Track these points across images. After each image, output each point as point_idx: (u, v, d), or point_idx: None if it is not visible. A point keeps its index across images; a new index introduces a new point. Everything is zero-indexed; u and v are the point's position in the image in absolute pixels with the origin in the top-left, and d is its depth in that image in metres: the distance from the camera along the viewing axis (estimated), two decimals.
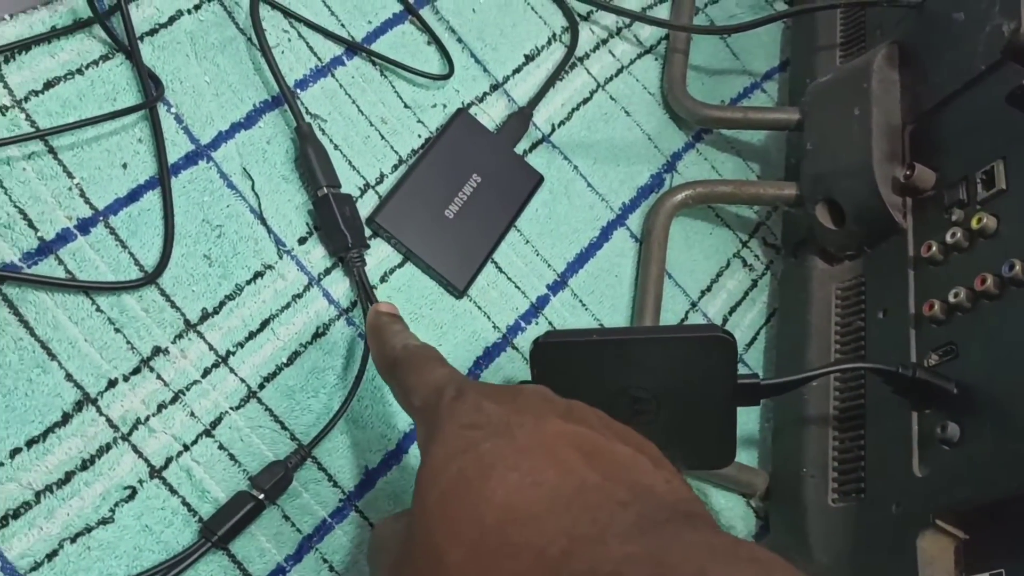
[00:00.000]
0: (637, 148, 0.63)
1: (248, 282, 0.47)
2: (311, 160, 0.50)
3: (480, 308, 0.53)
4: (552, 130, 0.60)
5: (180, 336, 0.45)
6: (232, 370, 0.45)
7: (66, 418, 0.41)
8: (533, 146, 0.59)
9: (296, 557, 0.44)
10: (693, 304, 0.61)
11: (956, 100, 0.53)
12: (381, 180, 0.53)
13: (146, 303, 0.44)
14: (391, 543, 0.34)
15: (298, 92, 0.52)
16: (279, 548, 0.44)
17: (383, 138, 0.54)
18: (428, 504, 0.30)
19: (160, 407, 0.43)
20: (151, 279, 0.44)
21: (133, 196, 0.46)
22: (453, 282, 0.52)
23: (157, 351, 0.44)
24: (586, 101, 0.62)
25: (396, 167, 0.54)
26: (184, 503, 0.42)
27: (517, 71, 0.60)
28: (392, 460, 0.48)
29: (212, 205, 0.48)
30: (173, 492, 0.42)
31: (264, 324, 0.47)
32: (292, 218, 0.49)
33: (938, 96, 0.54)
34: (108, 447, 0.41)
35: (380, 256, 0.51)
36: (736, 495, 0.56)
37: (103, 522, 0.40)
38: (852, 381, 0.53)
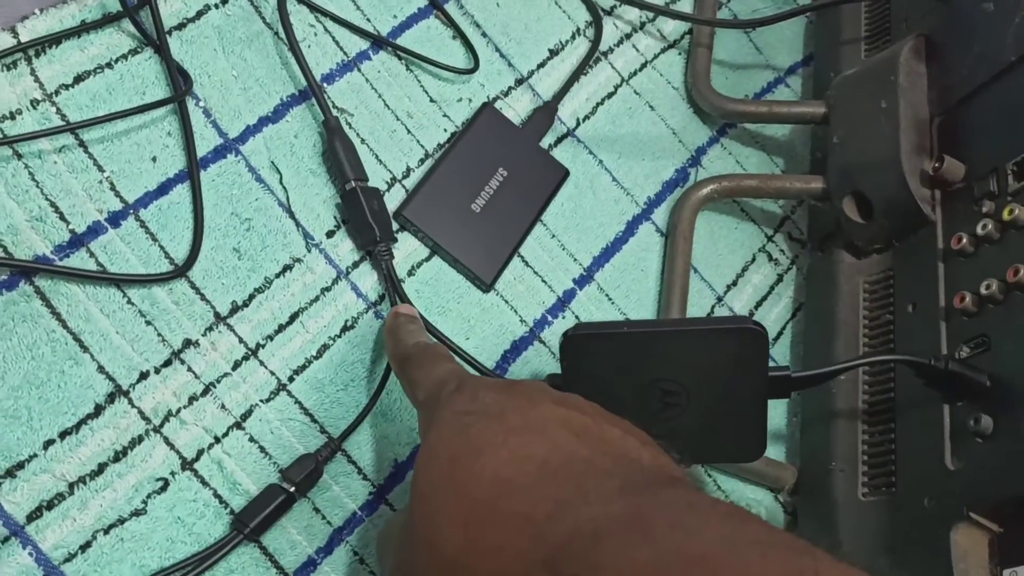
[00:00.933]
0: (662, 142, 0.63)
1: (277, 275, 0.47)
2: (339, 154, 0.50)
3: (507, 302, 0.53)
4: (577, 124, 0.60)
5: (210, 329, 0.45)
6: (262, 363, 0.45)
7: (98, 410, 0.41)
8: (558, 140, 0.59)
9: (327, 550, 0.44)
10: (719, 299, 0.60)
11: (985, 91, 0.53)
12: (408, 174, 0.53)
13: (176, 296, 0.44)
14: (395, 532, 0.35)
15: (325, 86, 0.52)
16: (310, 541, 0.44)
17: (409, 132, 0.54)
18: (423, 487, 0.31)
19: (191, 399, 0.43)
20: (181, 272, 0.44)
21: (163, 189, 0.46)
22: (480, 276, 0.52)
23: (188, 343, 0.44)
24: (610, 95, 0.62)
25: (422, 161, 0.54)
26: (216, 495, 0.42)
27: (541, 65, 0.60)
28: None
29: (241, 199, 0.48)
30: (205, 484, 0.42)
31: (293, 317, 0.47)
32: (320, 212, 0.49)
33: (967, 88, 0.54)
34: (140, 439, 0.41)
35: (407, 250, 0.51)
36: (764, 489, 0.56)
37: (136, 513, 0.40)
38: (881, 374, 0.53)
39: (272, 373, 0.45)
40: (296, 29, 0.52)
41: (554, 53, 0.61)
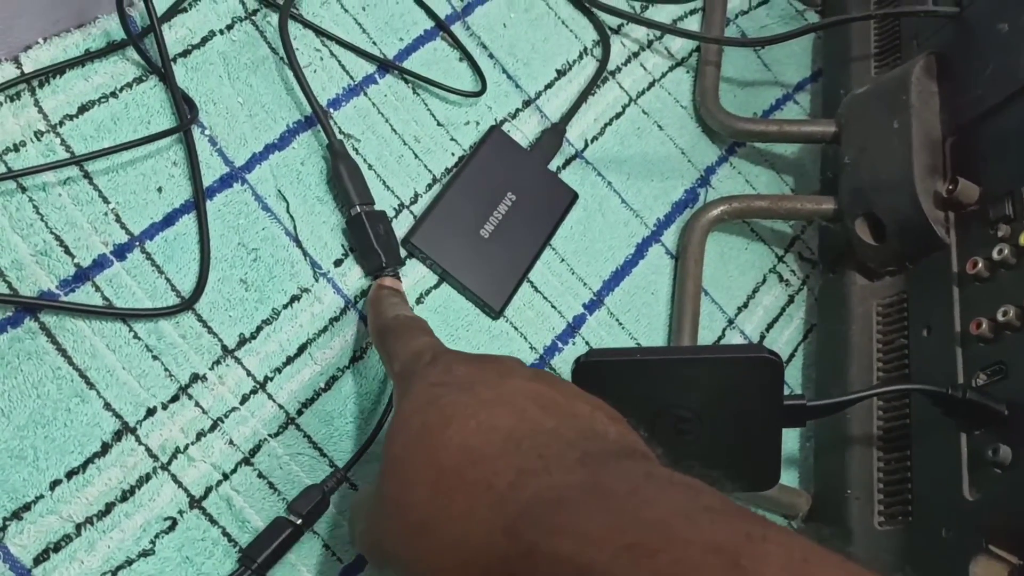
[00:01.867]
0: (671, 162, 0.62)
1: (285, 306, 0.46)
2: (343, 178, 0.49)
3: (516, 329, 0.52)
4: (585, 146, 0.59)
5: (218, 362, 0.44)
6: (270, 396, 0.45)
7: (105, 448, 0.40)
8: (566, 162, 0.58)
9: None
10: (730, 321, 0.60)
11: (999, 112, 0.52)
12: (415, 200, 0.52)
13: (183, 329, 0.44)
14: (365, 500, 0.36)
15: (331, 111, 0.52)
16: None
17: (416, 157, 0.53)
18: (393, 453, 0.32)
19: (199, 435, 0.42)
20: (188, 305, 0.44)
21: (169, 220, 0.45)
22: (489, 303, 0.51)
23: (195, 378, 0.43)
24: (619, 116, 0.62)
25: (430, 186, 0.53)
26: (224, 533, 0.42)
27: (549, 86, 0.60)
28: None
29: (247, 228, 0.47)
30: (213, 522, 0.41)
31: (302, 349, 0.46)
32: (328, 240, 0.49)
33: (980, 108, 0.53)
34: (148, 477, 0.41)
35: (416, 277, 0.51)
36: (779, 516, 0.55)
37: (144, 554, 0.40)
38: (896, 400, 0.52)
39: (280, 407, 0.45)
40: (302, 53, 0.51)
41: (561, 73, 0.60)
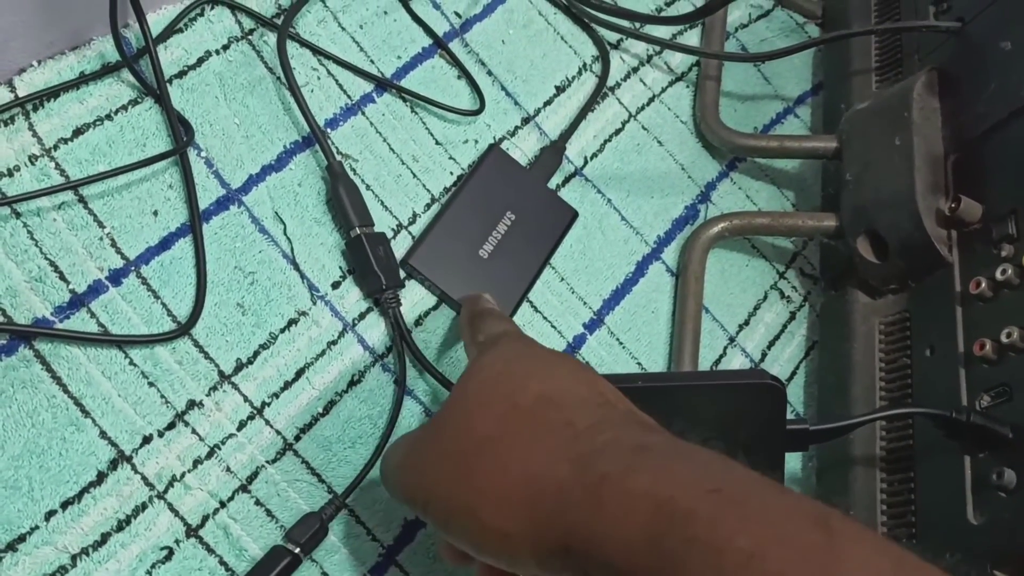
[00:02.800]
0: (671, 179, 0.62)
1: (282, 330, 0.46)
2: (343, 199, 0.49)
3: None
4: (585, 163, 0.59)
5: (214, 388, 0.44)
6: (268, 422, 0.44)
7: (101, 477, 0.40)
8: (566, 180, 0.58)
9: None
10: (731, 339, 0.59)
11: (1002, 129, 0.52)
12: (414, 220, 0.52)
13: (180, 355, 0.43)
14: (403, 440, 0.38)
15: (328, 131, 0.51)
16: None
17: (415, 176, 0.53)
18: (467, 388, 0.35)
19: (196, 463, 0.42)
20: (184, 330, 0.43)
21: (165, 244, 0.45)
22: None
23: (192, 404, 0.43)
24: (618, 132, 0.61)
25: (429, 206, 0.53)
26: (221, 562, 0.41)
27: (548, 103, 0.59)
28: None
29: (244, 251, 0.47)
30: (210, 551, 0.41)
31: (299, 373, 0.46)
32: (325, 262, 0.48)
33: (982, 125, 0.53)
34: (144, 506, 0.40)
35: (415, 299, 0.50)
36: None
37: None
38: (899, 421, 0.52)
39: (278, 432, 0.44)
40: (299, 73, 0.51)
41: (560, 90, 0.60)
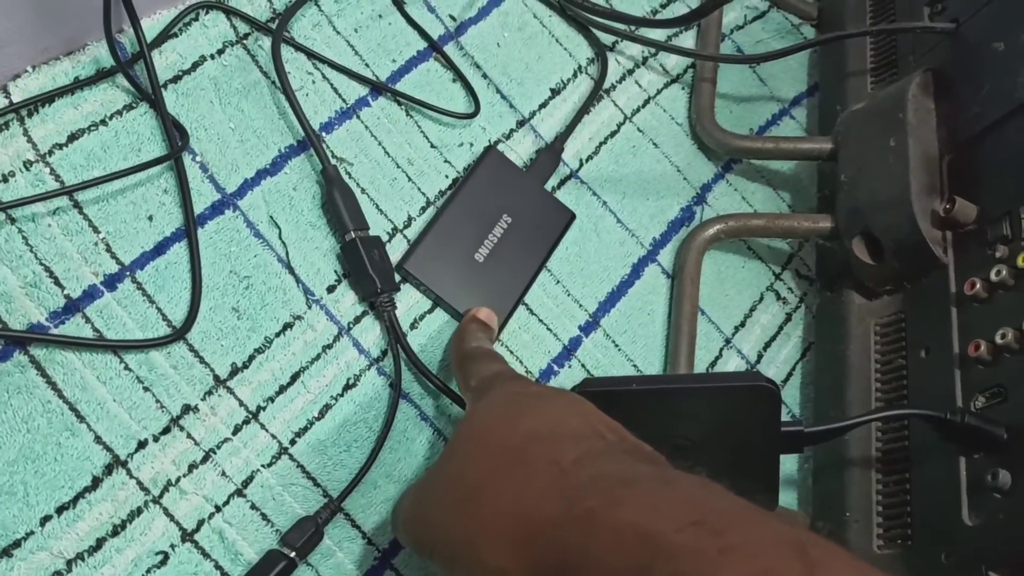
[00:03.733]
0: (666, 181, 0.62)
1: (277, 334, 0.46)
2: (338, 203, 0.49)
3: (512, 352, 0.52)
4: (580, 165, 0.59)
5: (210, 393, 0.44)
6: (263, 426, 0.44)
7: (96, 482, 0.40)
8: (561, 182, 0.58)
9: None
10: (727, 341, 0.59)
11: (997, 130, 0.52)
12: (409, 223, 0.52)
13: (175, 360, 0.43)
14: (413, 486, 0.39)
15: (323, 135, 0.51)
16: None
17: (410, 180, 0.53)
18: (463, 435, 0.36)
19: (191, 467, 0.42)
20: (180, 335, 0.43)
21: (159, 249, 0.45)
22: None
23: (187, 409, 0.43)
24: (614, 134, 0.61)
25: (424, 209, 0.53)
26: (217, 567, 0.41)
27: (543, 105, 0.59)
28: None
29: (239, 256, 0.47)
30: (206, 556, 0.41)
31: (294, 377, 0.46)
32: (320, 266, 0.48)
33: (977, 126, 0.53)
34: (139, 511, 0.40)
35: (410, 302, 0.50)
36: None
37: None
38: (895, 422, 0.52)
39: (273, 436, 0.44)
40: (294, 77, 0.51)
41: (556, 92, 0.60)
